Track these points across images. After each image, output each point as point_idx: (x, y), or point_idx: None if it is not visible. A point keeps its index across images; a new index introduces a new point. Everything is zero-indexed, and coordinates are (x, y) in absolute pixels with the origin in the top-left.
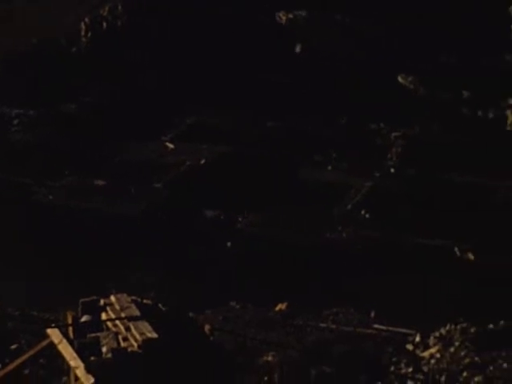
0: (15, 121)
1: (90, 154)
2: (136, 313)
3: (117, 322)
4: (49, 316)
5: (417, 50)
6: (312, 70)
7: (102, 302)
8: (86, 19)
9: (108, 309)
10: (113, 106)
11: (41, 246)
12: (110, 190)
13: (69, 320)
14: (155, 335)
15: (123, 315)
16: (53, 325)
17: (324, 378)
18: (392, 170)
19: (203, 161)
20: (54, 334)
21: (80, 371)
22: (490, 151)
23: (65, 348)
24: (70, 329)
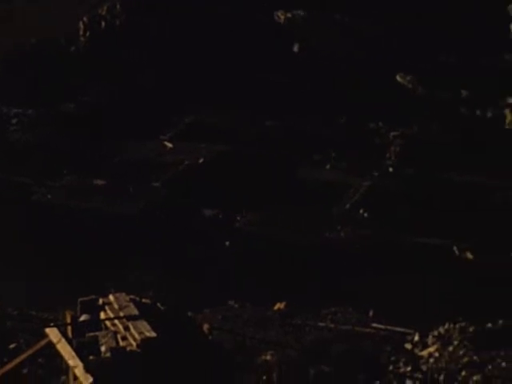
0: (14, 120)
1: (89, 154)
2: (135, 312)
3: (115, 322)
4: (47, 315)
5: (415, 50)
6: (310, 70)
7: (101, 302)
8: (85, 18)
9: (107, 308)
10: (111, 106)
11: (40, 246)
12: (109, 190)
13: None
14: (154, 334)
15: (122, 314)
16: (51, 324)
17: (323, 377)
18: (390, 170)
19: (201, 160)
20: (53, 334)
21: (79, 370)
22: (489, 150)
23: (63, 347)
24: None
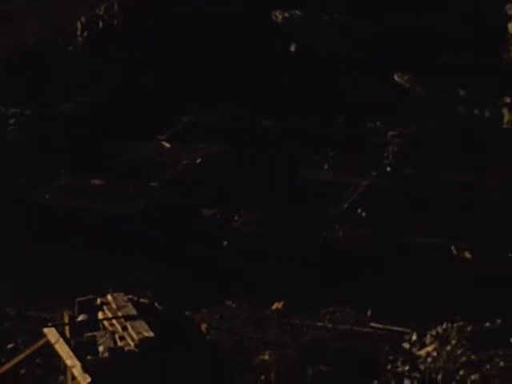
0: (12, 120)
1: (87, 154)
2: (133, 312)
3: (113, 321)
4: (45, 315)
5: (413, 49)
6: (308, 69)
7: (99, 301)
8: (82, 18)
9: (105, 308)
10: (109, 106)
11: (38, 246)
12: (107, 190)
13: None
14: (152, 334)
15: (120, 314)
16: (49, 324)
17: (320, 377)
18: (388, 169)
19: (199, 160)
20: (51, 334)
21: (77, 370)
22: (487, 150)
23: (61, 347)
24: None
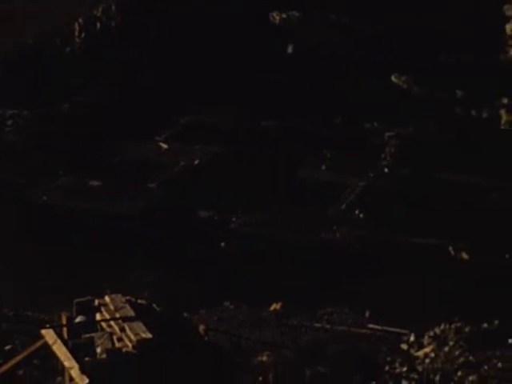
0: (9, 121)
1: (85, 155)
2: (130, 313)
3: (111, 323)
4: (43, 316)
5: (411, 50)
6: (306, 70)
7: (97, 303)
8: (80, 19)
9: (102, 309)
10: (107, 106)
11: (36, 246)
12: (105, 190)
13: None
14: (150, 335)
15: (118, 315)
16: (47, 325)
17: (318, 378)
18: (386, 170)
19: (197, 161)
20: (49, 335)
21: (74, 372)
22: (484, 151)
23: (59, 348)
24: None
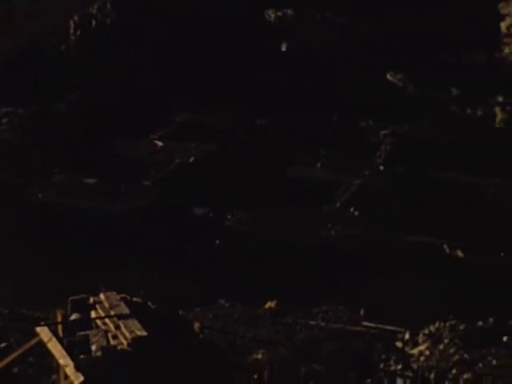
0: (4, 119)
1: (80, 153)
2: (125, 311)
3: (106, 320)
4: (38, 314)
5: (406, 49)
6: (301, 69)
7: (92, 300)
8: (75, 17)
9: (97, 307)
10: (102, 105)
11: (31, 245)
12: (100, 188)
13: (58, 318)
14: (145, 333)
15: (113, 313)
16: (42, 323)
17: (314, 376)
18: (381, 168)
19: (192, 159)
20: (44, 333)
21: (69, 369)
22: (479, 149)
23: (54, 346)
24: (60, 327)
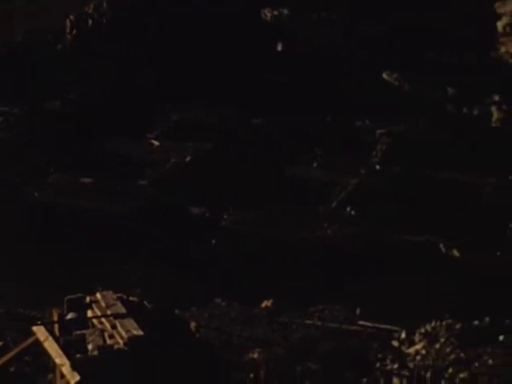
0: (0, 119)
1: (76, 152)
2: (122, 310)
3: (102, 320)
4: (35, 313)
5: (401, 48)
6: (298, 68)
7: (88, 300)
8: (71, 16)
9: (94, 306)
10: (98, 103)
11: (32, 245)
12: (97, 188)
13: (54, 317)
14: (141, 332)
15: (109, 312)
16: (38, 322)
17: (310, 375)
18: (377, 168)
19: (188, 158)
20: (40, 332)
21: (66, 368)
22: (475, 148)
23: (50, 345)
24: (56, 326)
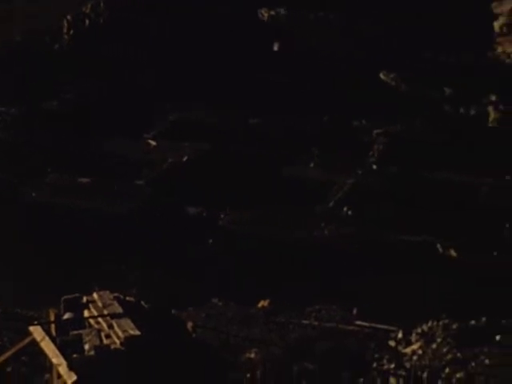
0: None
1: (73, 152)
2: (118, 310)
3: (99, 320)
4: (31, 313)
5: (399, 47)
6: (294, 68)
7: (85, 299)
8: (69, 16)
9: (90, 306)
10: (95, 103)
11: (30, 245)
12: (94, 188)
13: (51, 317)
14: (138, 332)
15: (106, 312)
16: (35, 322)
17: (307, 375)
18: (374, 167)
19: (185, 158)
20: (37, 332)
21: (62, 368)
22: (472, 148)
23: (47, 345)
24: (53, 326)
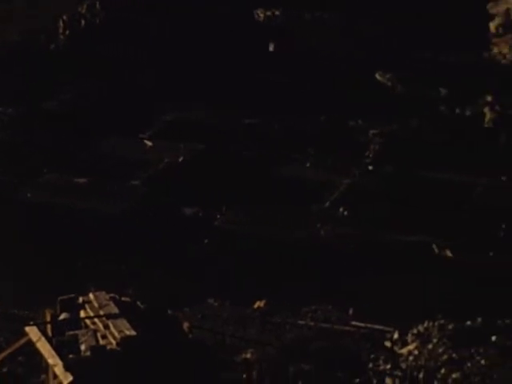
0: None
1: (70, 152)
2: (114, 310)
3: (95, 320)
4: (28, 314)
5: (394, 48)
6: (290, 68)
7: (81, 300)
8: (65, 17)
9: (86, 306)
10: (91, 104)
11: (29, 245)
12: (91, 188)
13: (47, 318)
14: (133, 333)
15: (102, 313)
16: (31, 322)
17: (302, 375)
18: (370, 168)
19: (181, 158)
20: (33, 332)
21: (58, 369)
22: (468, 148)
23: (43, 346)
24: (49, 326)
